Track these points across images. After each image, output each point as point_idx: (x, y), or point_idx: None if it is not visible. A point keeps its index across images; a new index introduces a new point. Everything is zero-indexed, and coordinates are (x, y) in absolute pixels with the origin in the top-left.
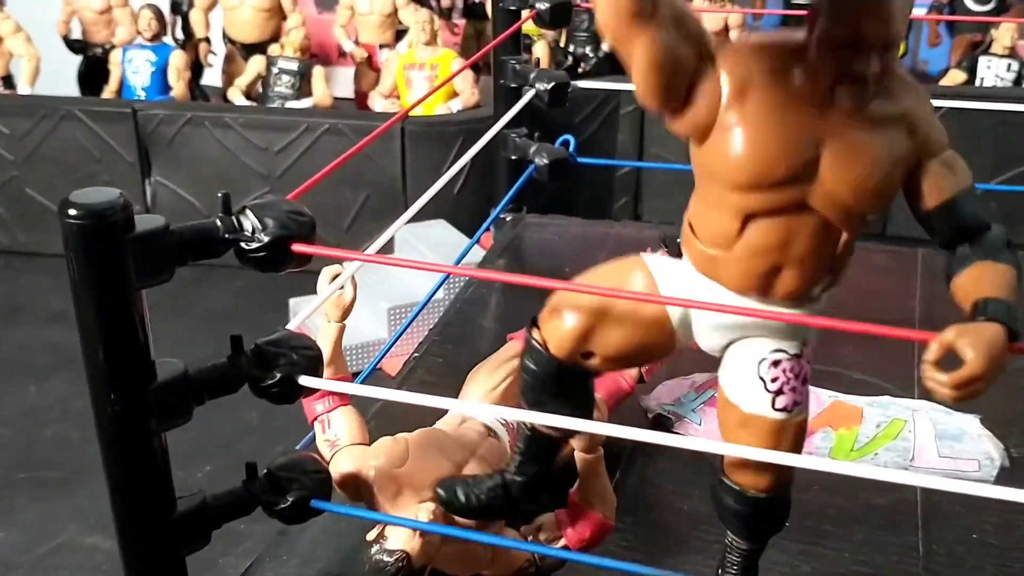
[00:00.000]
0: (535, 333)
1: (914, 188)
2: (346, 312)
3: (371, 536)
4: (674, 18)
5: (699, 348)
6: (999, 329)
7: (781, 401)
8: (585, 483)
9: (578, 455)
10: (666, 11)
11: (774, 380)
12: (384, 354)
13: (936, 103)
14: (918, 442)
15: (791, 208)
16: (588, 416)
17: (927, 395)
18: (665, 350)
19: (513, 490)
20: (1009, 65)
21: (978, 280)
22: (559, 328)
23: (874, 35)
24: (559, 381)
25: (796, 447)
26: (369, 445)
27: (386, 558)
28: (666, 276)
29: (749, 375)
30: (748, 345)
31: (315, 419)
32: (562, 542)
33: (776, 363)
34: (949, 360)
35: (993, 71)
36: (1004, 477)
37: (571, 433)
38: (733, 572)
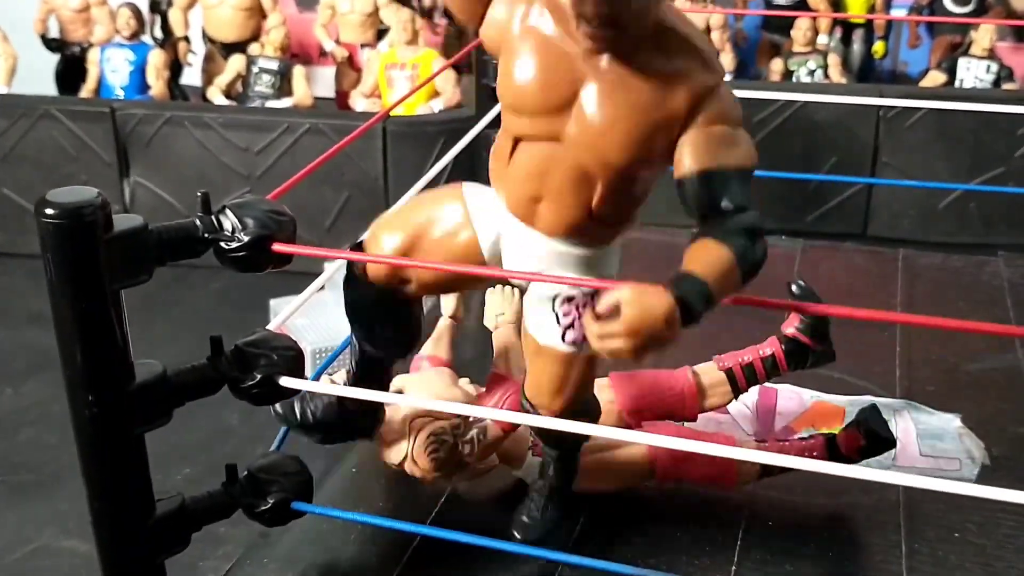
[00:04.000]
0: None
1: (677, 150)
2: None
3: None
4: None
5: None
6: (669, 302)
7: (571, 335)
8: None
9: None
10: None
11: (566, 315)
12: (345, 347)
13: (916, 104)
14: (900, 441)
15: (548, 139)
16: (414, 336)
17: (908, 395)
18: (478, 279)
19: (347, 407)
20: (988, 67)
21: (693, 254)
22: (376, 254)
23: (600, 11)
24: (380, 305)
25: (585, 377)
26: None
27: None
28: (479, 207)
29: (544, 309)
30: (547, 284)
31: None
32: (492, 428)
33: (569, 299)
34: None
35: (972, 73)
36: (985, 476)
37: (395, 356)
38: (551, 474)
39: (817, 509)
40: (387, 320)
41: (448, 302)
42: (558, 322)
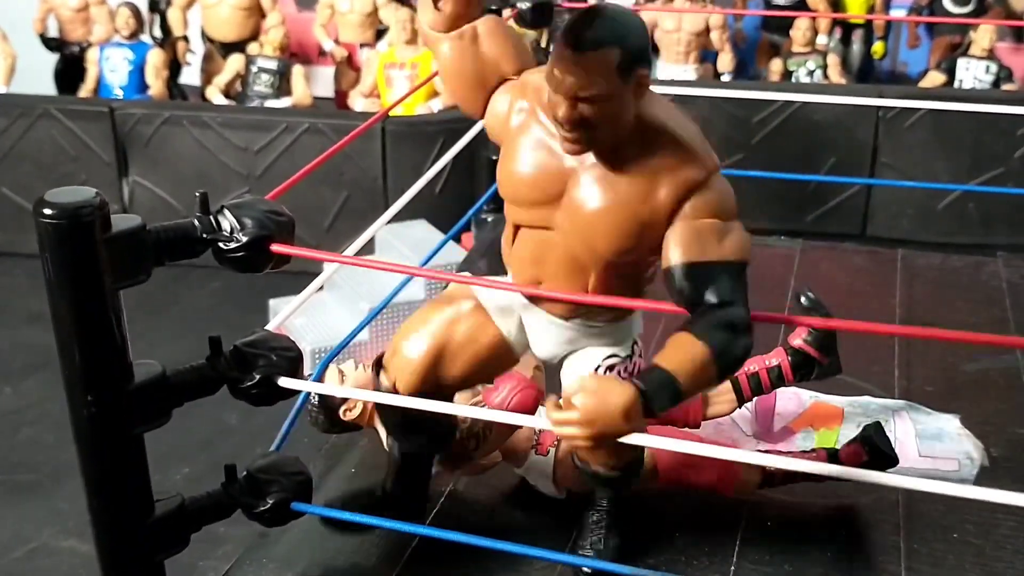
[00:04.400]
0: (383, 376)
1: (664, 243)
2: None
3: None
4: (482, 35)
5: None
6: (630, 396)
7: None
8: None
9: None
10: (470, 30)
11: (610, 369)
12: (346, 343)
13: (916, 105)
14: (898, 442)
15: (542, 227)
16: (449, 432)
17: (907, 395)
18: (510, 363)
19: (392, 499)
20: (988, 67)
21: (669, 348)
22: (404, 367)
23: (569, 117)
24: (414, 414)
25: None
26: None
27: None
28: (493, 302)
29: (589, 361)
30: (583, 356)
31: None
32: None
33: (611, 367)
34: None
35: (972, 73)
36: (984, 477)
37: (434, 452)
38: (601, 510)
39: (816, 510)
40: (422, 426)
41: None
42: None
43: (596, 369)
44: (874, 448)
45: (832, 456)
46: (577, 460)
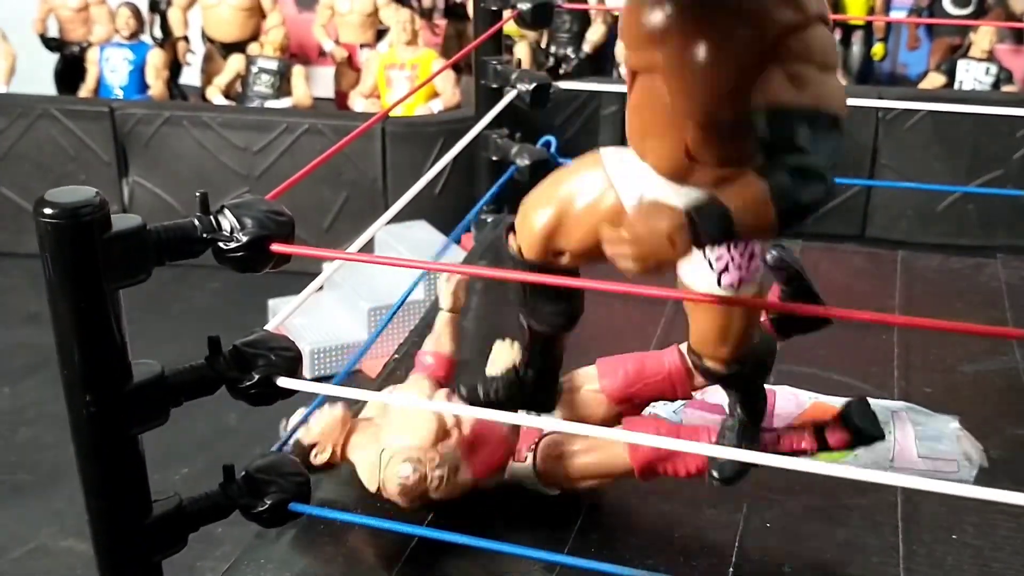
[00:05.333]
0: (511, 240)
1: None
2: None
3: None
4: None
5: None
6: (676, 223)
7: (727, 279)
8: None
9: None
10: None
11: (719, 259)
12: (362, 355)
13: (915, 106)
14: (898, 443)
15: (647, 71)
16: (577, 304)
17: (906, 396)
18: None
19: (527, 383)
20: (987, 69)
21: (734, 184)
22: (529, 232)
23: None
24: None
25: (747, 319)
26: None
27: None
28: (619, 169)
29: (696, 257)
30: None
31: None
32: (464, 470)
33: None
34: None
35: (972, 74)
36: (983, 478)
37: (561, 330)
38: (740, 413)
39: (814, 510)
40: (548, 295)
41: (444, 294)
42: (711, 267)
43: (707, 260)
44: (855, 430)
45: (819, 432)
46: (690, 357)
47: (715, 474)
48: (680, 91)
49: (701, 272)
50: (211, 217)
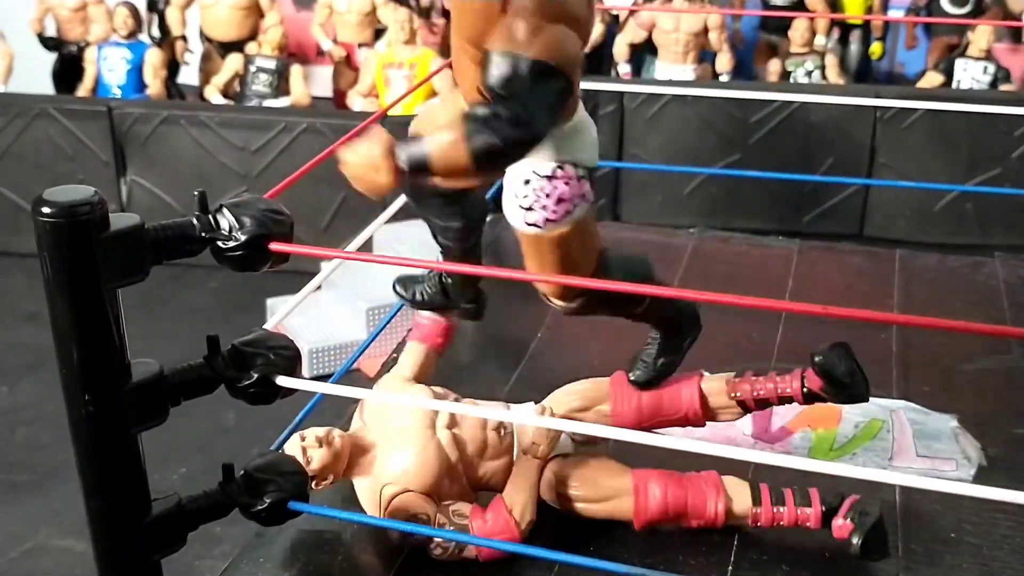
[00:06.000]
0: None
1: None
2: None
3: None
4: None
5: None
6: (378, 149)
7: (530, 216)
8: (514, 483)
9: (518, 454)
10: None
11: (524, 197)
12: (359, 354)
13: (913, 105)
14: (896, 442)
15: (447, 14)
16: (469, 211)
17: (904, 395)
18: None
19: (448, 287)
20: (985, 68)
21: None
22: None
23: None
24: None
25: (561, 258)
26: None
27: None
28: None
29: (508, 192)
30: (514, 165)
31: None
32: (470, 549)
33: (527, 182)
34: None
35: (969, 74)
36: (981, 476)
37: (460, 238)
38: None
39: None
40: (437, 207)
41: None
42: (520, 206)
43: (513, 182)
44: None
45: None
46: (541, 295)
47: (631, 378)
48: (460, 25)
49: (512, 209)
50: (209, 216)
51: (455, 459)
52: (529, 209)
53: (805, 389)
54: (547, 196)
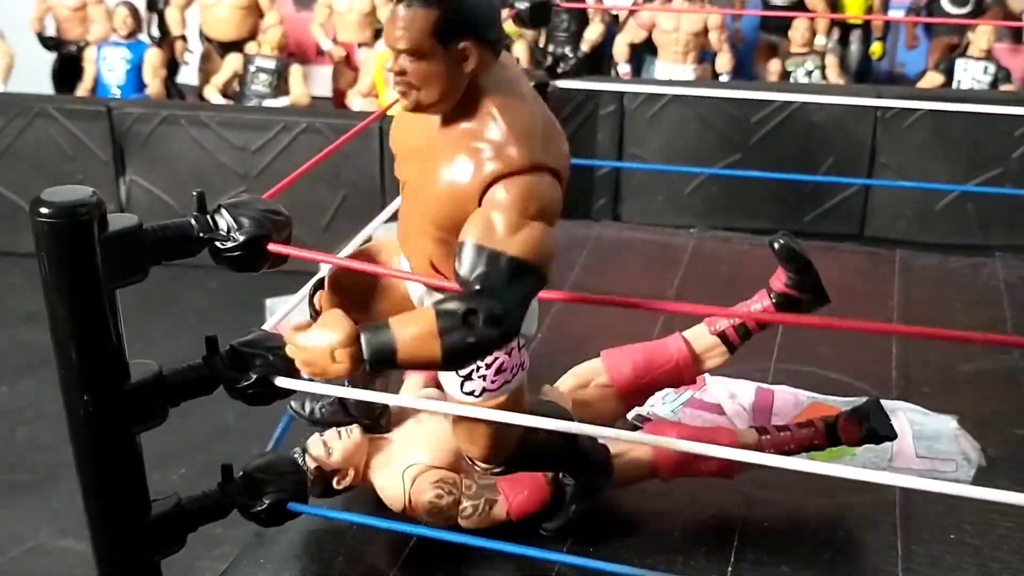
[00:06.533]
0: (317, 298)
1: None
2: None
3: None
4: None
5: None
6: (337, 340)
7: (468, 386)
8: None
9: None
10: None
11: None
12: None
13: (914, 105)
14: (896, 443)
15: (408, 181)
16: None
17: (904, 396)
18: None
19: (350, 407)
20: (986, 68)
21: (412, 313)
22: (329, 301)
23: (393, 68)
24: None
25: (492, 430)
26: None
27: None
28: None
29: None
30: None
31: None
32: (500, 506)
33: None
34: None
35: (970, 74)
36: (981, 477)
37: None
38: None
39: (813, 509)
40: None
41: None
42: (457, 374)
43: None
44: (870, 430)
45: (830, 429)
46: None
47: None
48: (417, 204)
49: (448, 377)
50: (208, 216)
51: None
52: (467, 378)
53: (774, 295)
54: (487, 367)
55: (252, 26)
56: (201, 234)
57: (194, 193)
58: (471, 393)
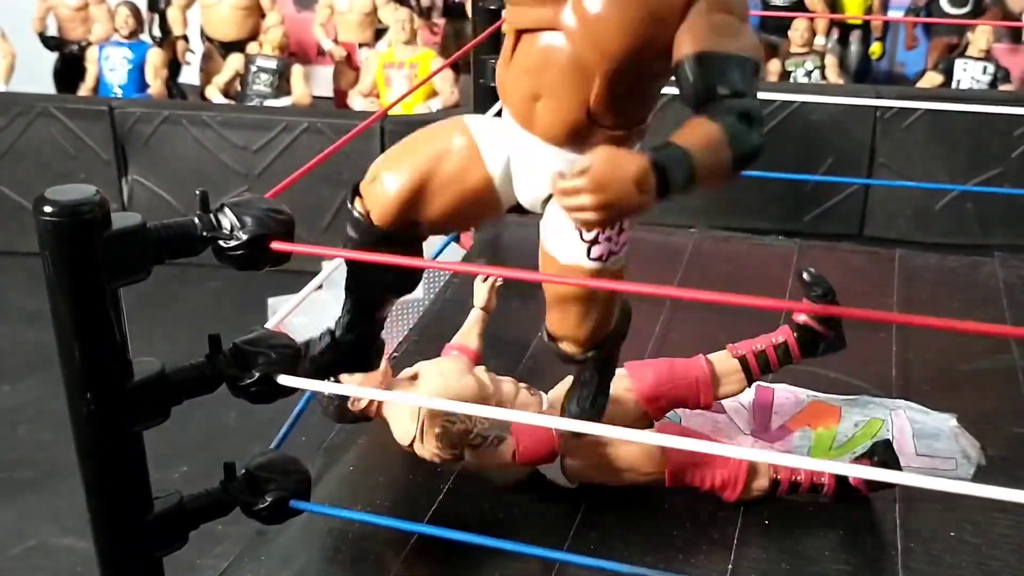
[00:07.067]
0: (357, 203)
1: (675, 38)
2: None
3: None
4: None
5: None
6: (643, 163)
7: (596, 251)
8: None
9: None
10: None
11: (589, 229)
12: None
13: (913, 105)
14: (896, 441)
15: (546, 29)
16: (416, 275)
17: (904, 394)
18: (492, 213)
19: (343, 347)
20: (985, 68)
21: (681, 130)
22: (381, 198)
23: None
24: (385, 247)
25: (609, 302)
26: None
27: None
28: (485, 136)
29: (565, 227)
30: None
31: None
32: (508, 446)
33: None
34: None
35: (969, 74)
36: (981, 475)
37: (395, 296)
38: (595, 371)
39: (813, 508)
40: (384, 271)
41: (480, 292)
42: (582, 238)
43: (577, 229)
44: (883, 465)
45: (841, 478)
46: (547, 338)
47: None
48: (589, 42)
49: (569, 242)
50: (211, 215)
51: (488, 394)
52: (594, 242)
53: (796, 329)
54: (613, 229)
55: (253, 26)
56: (204, 233)
57: (197, 192)
58: (599, 258)
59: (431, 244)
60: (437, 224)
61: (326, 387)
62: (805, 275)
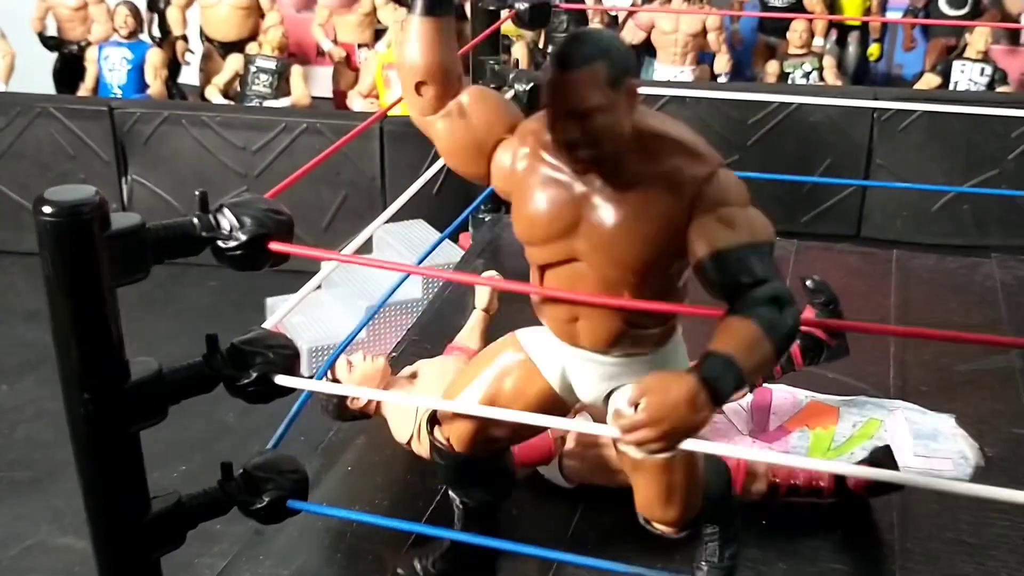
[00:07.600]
0: (437, 432)
1: (688, 241)
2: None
3: None
4: (469, 105)
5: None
6: (691, 385)
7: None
8: None
9: None
10: (456, 105)
11: None
12: (345, 345)
13: (911, 107)
14: (894, 441)
15: (568, 260)
16: (508, 480)
17: (902, 395)
18: (560, 413)
19: (465, 551)
20: (983, 69)
21: (718, 334)
22: (458, 428)
23: (571, 138)
24: (475, 468)
25: (691, 475)
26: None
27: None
28: (538, 350)
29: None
30: (625, 391)
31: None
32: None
33: None
34: None
35: (967, 75)
36: (979, 476)
37: (494, 503)
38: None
39: (811, 508)
40: (485, 480)
41: (482, 295)
42: None
43: (635, 408)
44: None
45: (840, 484)
46: (642, 519)
47: None
48: (609, 263)
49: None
50: (210, 216)
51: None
52: None
53: (799, 339)
54: None
55: (253, 26)
56: (204, 233)
57: (196, 193)
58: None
59: (426, 242)
60: (511, 437)
61: (324, 387)
62: (808, 282)
